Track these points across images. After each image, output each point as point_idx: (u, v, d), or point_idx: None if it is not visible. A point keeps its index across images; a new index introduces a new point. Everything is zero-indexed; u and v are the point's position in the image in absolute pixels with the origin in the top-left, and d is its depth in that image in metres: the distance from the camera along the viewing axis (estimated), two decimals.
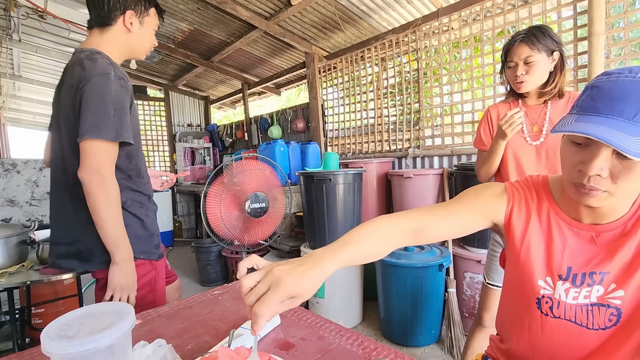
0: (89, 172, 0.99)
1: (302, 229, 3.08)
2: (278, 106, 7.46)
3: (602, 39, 1.97)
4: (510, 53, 1.31)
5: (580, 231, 0.68)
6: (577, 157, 0.59)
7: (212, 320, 0.93)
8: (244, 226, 1.69)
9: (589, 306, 0.66)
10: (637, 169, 0.54)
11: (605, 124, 0.53)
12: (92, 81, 1.02)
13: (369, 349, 0.76)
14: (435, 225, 0.72)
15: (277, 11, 3.43)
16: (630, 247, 0.63)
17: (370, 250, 0.68)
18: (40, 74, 5.15)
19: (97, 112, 1.01)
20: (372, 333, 2.35)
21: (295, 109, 4.83)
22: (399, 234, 0.71)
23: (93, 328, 0.56)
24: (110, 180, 1.02)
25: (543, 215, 0.72)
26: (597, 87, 0.57)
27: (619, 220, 0.64)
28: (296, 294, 0.53)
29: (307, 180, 2.44)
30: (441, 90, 2.89)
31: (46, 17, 3.03)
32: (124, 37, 1.15)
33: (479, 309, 1.49)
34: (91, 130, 0.99)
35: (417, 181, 2.55)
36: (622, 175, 0.55)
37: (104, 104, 1.02)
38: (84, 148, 1.00)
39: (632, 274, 0.62)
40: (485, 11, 2.56)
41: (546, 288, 0.70)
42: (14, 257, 1.55)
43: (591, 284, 0.65)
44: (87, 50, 1.09)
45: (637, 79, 0.53)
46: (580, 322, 0.66)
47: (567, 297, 0.67)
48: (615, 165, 0.55)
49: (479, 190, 0.79)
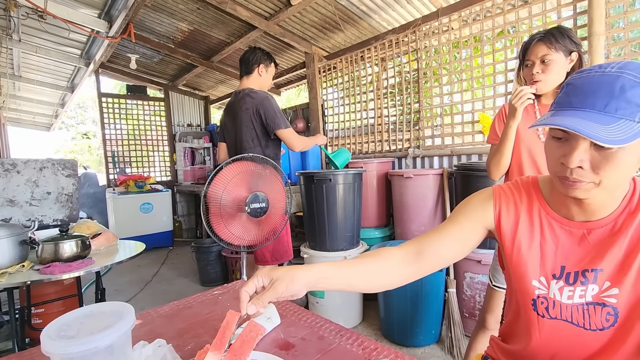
0: (293, 147, 2.08)
1: (302, 229, 3.08)
2: None
3: (602, 39, 1.97)
4: (527, 52, 1.30)
5: (572, 229, 0.68)
6: (559, 152, 0.61)
7: (212, 320, 0.93)
8: (244, 226, 1.69)
9: (585, 305, 0.66)
10: (616, 158, 0.56)
11: (579, 117, 0.56)
12: (264, 102, 2.00)
13: (369, 349, 0.76)
14: (433, 244, 0.76)
15: (277, 11, 3.43)
16: (621, 244, 0.63)
17: (365, 273, 0.74)
18: (40, 74, 5.15)
19: (275, 116, 1.99)
20: (372, 333, 2.35)
21: (295, 109, 4.83)
22: (397, 259, 0.76)
23: (93, 328, 0.56)
24: (301, 146, 2.12)
25: (534, 215, 0.73)
26: (571, 84, 0.60)
27: (609, 216, 0.65)
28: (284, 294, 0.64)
29: (307, 180, 2.44)
30: (441, 90, 2.89)
31: (46, 17, 3.03)
32: (258, 79, 2.13)
33: (482, 311, 1.48)
34: (279, 124, 1.99)
35: (417, 181, 2.55)
36: (603, 165, 0.57)
37: (275, 111, 2.00)
38: (281, 135, 2.03)
39: (626, 272, 0.62)
40: (485, 11, 2.56)
41: (541, 288, 0.70)
42: (14, 257, 1.55)
43: (585, 283, 0.66)
44: (246, 89, 2.07)
45: (606, 72, 0.56)
46: (577, 322, 0.66)
47: (562, 297, 0.67)
48: (595, 156, 0.57)
49: (467, 200, 0.81)
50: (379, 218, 2.93)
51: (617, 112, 0.54)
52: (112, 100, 5.65)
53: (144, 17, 3.86)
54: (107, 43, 3.78)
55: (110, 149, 5.63)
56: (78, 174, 2.29)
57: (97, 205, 5.86)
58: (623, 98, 0.53)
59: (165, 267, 4.17)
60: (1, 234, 1.51)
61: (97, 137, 15.78)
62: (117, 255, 1.76)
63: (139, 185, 5.04)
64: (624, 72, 0.54)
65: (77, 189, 2.24)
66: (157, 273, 3.93)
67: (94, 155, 16.66)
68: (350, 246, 2.45)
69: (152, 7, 3.58)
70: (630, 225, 0.63)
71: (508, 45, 2.44)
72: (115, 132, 5.69)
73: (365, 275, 0.74)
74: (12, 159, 2.06)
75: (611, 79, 0.55)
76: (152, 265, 4.25)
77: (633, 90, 0.53)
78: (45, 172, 2.10)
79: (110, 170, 5.64)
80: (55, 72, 5.14)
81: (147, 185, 5.11)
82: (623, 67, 0.55)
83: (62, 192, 2.17)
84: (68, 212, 2.19)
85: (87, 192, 5.82)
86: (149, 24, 4.03)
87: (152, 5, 3.53)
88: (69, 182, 2.19)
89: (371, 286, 0.75)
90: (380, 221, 2.94)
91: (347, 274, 0.72)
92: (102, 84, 5.53)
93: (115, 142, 5.70)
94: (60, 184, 2.16)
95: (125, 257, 1.71)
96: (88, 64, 4.56)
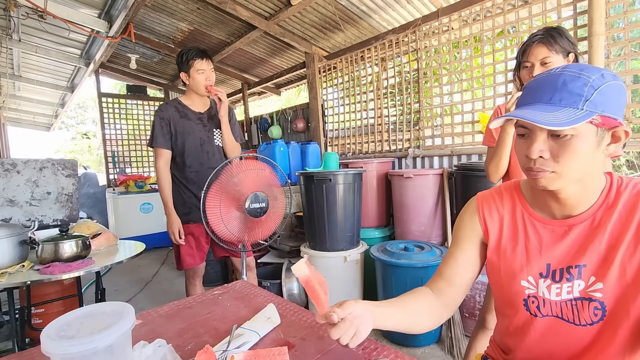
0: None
1: (302, 229, 3.08)
2: (278, 106, 7.47)
3: (602, 39, 1.97)
4: (527, 53, 1.29)
5: (554, 227, 0.71)
6: (524, 146, 0.66)
7: (212, 320, 0.93)
8: (244, 226, 1.69)
9: (573, 301, 0.68)
10: (570, 145, 0.61)
11: (529, 109, 0.63)
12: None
13: (369, 349, 0.76)
14: (452, 270, 0.80)
15: (277, 11, 3.43)
16: (601, 239, 0.65)
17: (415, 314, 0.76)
18: (40, 74, 5.15)
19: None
20: (372, 333, 2.35)
21: (295, 109, 4.83)
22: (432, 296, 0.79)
23: (93, 328, 0.56)
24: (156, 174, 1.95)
25: (517, 217, 0.76)
26: (526, 87, 0.68)
27: (587, 211, 0.68)
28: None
29: (307, 180, 2.44)
30: (441, 90, 2.89)
31: (46, 17, 3.03)
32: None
33: (482, 311, 1.49)
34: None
35: (417, 181, 2.55)
36: (561, 153, 0.62)
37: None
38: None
39: (609, 267, 0.64)
40: (485, 11, 2.56)
41: (530, 287, 0.72)
42: (14, 257, 1.55)
43: (570, 279, 0.68)
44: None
45: (552, 72, 0.64)
46: (567, 317, 0.69)
47: (551, 294, 0.70)
48: (553, 146, 0.62)
49: (459, 218, 0.86)
50: (379, 218, 2.93)
51: (561, 102, 0.60)
52: (112, 100, 5.65)
53: (144, 17, 3.86)
54: (107, 43, 3.78)
55: (110, 149, 5.63)
56: (78, 174, 2.28)
57: (97, 205, 5.86)
58: (565, 90, 0.60)
59: (165, 267, 4.17)
60: (1, 234, 1.51)
61: (97, 137, 15.77)
62: (117, 255, 1.76)
63: (139, 185, 5.04)
64: (565, 70, 0.62)
65: (77, 189, 2.24)
66: (157, 273, 3.93)
67: (94, 155, 16.65)
68: (350, 246, 2.45)
69: (152, 7, 3.58)
70: (609, 219, 0.65)
71: (508, 45, 2.44)
72: (115, 132, 5.69)
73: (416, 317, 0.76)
74: (12, 159, 2.05)
75: (555, 77, 0.62)
76: (152, 265, 4.25)
77: (573, 82, 0.60)
78: (45, 172, 2.10)
79: (110, 170, 5.64)
80: (55, 72, 5.14)
81: (147, 185, 5.11)
82: (566, 66, 0.63)
83: (62, 192, 2.17)
84: (68, 212, 2.19)
85: (87, 192, 5.82)
86: (149, 24, 4.03)
87: (152, 5, 3.53)
88: (69, 182, 2.19)
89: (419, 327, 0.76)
90: (380, 221, 2.94)
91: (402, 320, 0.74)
92: (102, 84, 5.53)
93: (115, 142, 5.70)
94: (60, 184, 2.16)
95: (125, 257, 1.71)
96: (88, 64, 4.56)
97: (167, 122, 1.85)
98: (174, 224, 1.84)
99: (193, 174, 1.89)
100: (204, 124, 1.94)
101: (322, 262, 2.38)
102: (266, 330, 0.85)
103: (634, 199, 0.65)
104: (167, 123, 1.85)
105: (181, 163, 1.89)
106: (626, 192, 0.66)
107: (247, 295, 1.11)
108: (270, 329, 0.86)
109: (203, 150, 1.92)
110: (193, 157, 1.89)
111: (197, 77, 1.87)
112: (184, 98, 1.95)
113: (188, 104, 1.93)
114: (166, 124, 1.85)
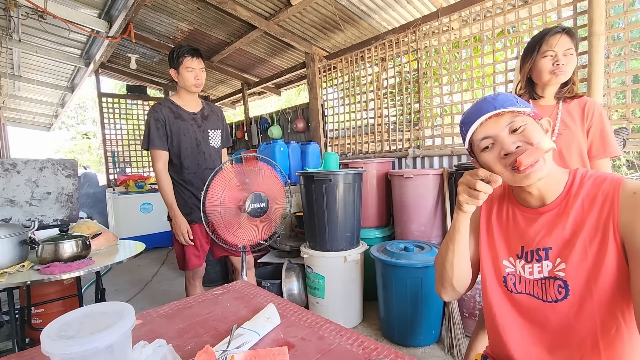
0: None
1: (302, 229, 3.08)
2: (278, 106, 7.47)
3: (602, 39, 1.97)
4: (547, 43, 1.29)
5: (528, 215, 0.81)
6: (495, 154, 0.75)
7: (212, 320, 0.93)
8: (244, 226, 1.69)
9: (542, 280, 0.76)
10: (530, 130, 0.72)
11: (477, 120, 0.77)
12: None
13: (369, 349, 0.76)
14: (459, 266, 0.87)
15: (277, 11, 3.43)
16: (566, 224, 0.74)
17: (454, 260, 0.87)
18: (40, 74, 5.15)
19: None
20: (372, 333, 2.34)
21: (295, 109, 4.83)
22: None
23: (93, 328, 0.56)
24: (155, 177, 1.93)
25: (504, 203, 0.88)
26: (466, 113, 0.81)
27: (555, 200, 0.77)
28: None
29: (307, 180, 2.44)
30: (441, 90, 2.89)
31: (46, 17, 3.02)
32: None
33: (482, 310, 1.48)
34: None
35: (417, 181, 2.55)
36: (527, 135, 0.72)
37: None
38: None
39: (571, 249, 0.72)
40: (485, 11, 2.56)
41: (509, 267, 0.83)
42: (14, 257, 1.55)
43: (539, 260, 0.77)
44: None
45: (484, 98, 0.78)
46: (537, 295, 0.77)
47: (525, 273, 0.79)
48: (518, 137, 0.73)
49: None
50: (379, 218, 2.93)
51: (503, 106, 0.74)
52: (112, 100, 5.65)
53: (144, 17, 3.86)
54: (107, 43, 3.78)
55: (110, 149, 5.63)
56: (78, 174, 2.28)
57: (97, 205, 5.86)
58: (498, 102, 0.75)
59: (165, 267, 4.17)
60: (1, 234, 1.51)
61: (97, 137, 15.78)
62: (117, 255, 1.76)
63: (139, 185, 5.04)
64: (497, 96, 0.77)
65: (77, 189, 2.24)
66: (157, 273, 3.93)
67: (94, 155, 16.65)
68: (350, 246, 2.45)
69: (152, 7, 3.58)
70: (572, 207, 0.74)
71: (508, 45, 2.44)
72: (115, 132, 5.69)
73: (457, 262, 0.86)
74: (12, 159, 2.05)
75: (489, 98, 0.77)
76: (152, 265, 4.25)
77: (503, 98, 0.76)
78: (45, 172, 2.10)
79: (110, 170, 5.63)
80: (55, 72, 5.13)
81: (147, 185, 5.11)
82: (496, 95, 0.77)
83: (62, 192, 2.17)
84: (68, 212, 2.19)
85: (87, 192, 5.82)
86: (149, 24, 4.03)
87: (152, 5, 3.53)
88: (69, 182, 2.19)
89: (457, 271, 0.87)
90: (380, 221, 2.94)
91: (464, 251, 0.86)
92: (102, 84, 5.53)
93: (115, 142, 5.69)
94: (60, 184, 2.16)
95: (125, 257, 1.71)
96: (88, 64, 4.56)
97: (162, 122, 1.82)
98: (182, 226, 1.83)
99: (191, 175, 1.89)
100: (199, 124, 1.92)
101: (322, 262, 2.38)
102: (266, 330, 0.84)
103: (595, 190, 0.73)
104: (162, 124, 1.82)
105: (178, 164, 1.87)
106: (588, 183, 0.74)
107: (247, 295, 1.11)
108: (270, 329, 0.86)
109: (199, 151, 1.90)
110: (190, 158, 1.88)
111: (185, 74, 1.81)
112: (175, 97, 1.91)
113: (181, 104, 1.89)
114: (162, 124, 1.82)
